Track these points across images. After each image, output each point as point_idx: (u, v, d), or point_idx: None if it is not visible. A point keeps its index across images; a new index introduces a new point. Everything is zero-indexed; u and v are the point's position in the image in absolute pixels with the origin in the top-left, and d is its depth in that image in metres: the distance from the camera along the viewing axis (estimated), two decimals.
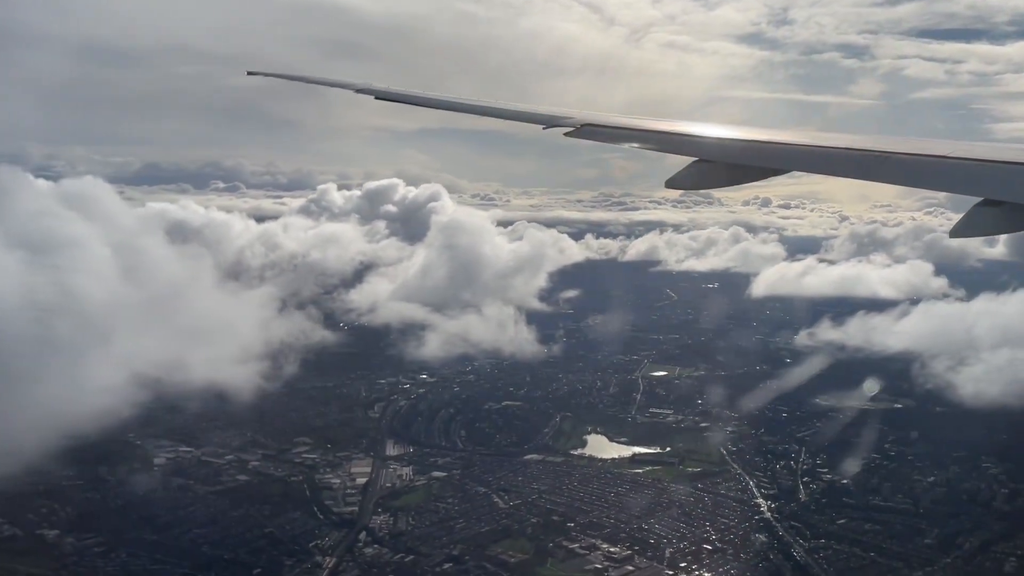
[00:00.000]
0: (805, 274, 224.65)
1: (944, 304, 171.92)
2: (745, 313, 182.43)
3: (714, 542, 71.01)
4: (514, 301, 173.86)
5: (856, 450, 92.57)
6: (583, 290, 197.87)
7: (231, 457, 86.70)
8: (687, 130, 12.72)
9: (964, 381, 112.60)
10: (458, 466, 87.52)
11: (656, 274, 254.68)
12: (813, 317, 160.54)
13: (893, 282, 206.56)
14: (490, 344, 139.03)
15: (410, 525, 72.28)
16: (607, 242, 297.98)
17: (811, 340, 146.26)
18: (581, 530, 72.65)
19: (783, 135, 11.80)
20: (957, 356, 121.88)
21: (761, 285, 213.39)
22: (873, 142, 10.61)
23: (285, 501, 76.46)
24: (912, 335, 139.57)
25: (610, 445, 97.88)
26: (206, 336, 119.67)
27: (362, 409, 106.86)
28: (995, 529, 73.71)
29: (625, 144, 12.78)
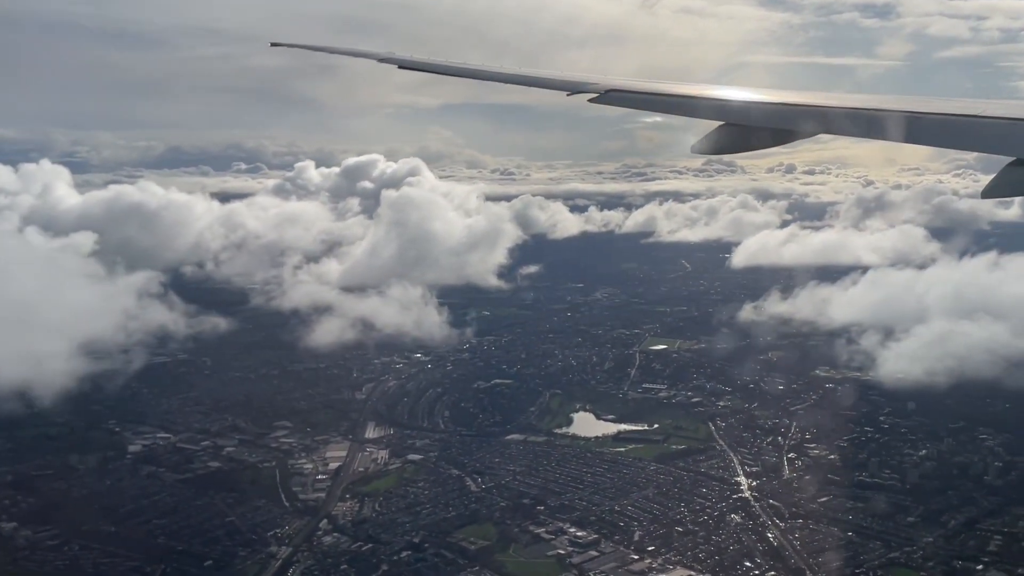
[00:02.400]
0: (787, 242, 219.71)
1: (896, 272, 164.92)
2: (715, 284, 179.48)
3: (687, 524, 68.79)
4: (465, 279, 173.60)
5: (849, 423, 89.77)
6: (545, 264, 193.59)
7: (207, 443, 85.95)
8: (713, 94, 12.64)
9: (890, 357, 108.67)
10: (435, 448, 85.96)
11: (645, 246, 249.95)
12: (782, 286, 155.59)
13: (879, 248, 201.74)
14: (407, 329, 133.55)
15: (375, 511, 70.90)
16: (611, 214, 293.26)
17: (756, 314, 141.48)
18: (551, 513, 70.83)
19: (811, 97, 11.52)
20: (888, 330, 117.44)
21: (741, 255, 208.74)
22: (903, 103, 10.40)
23: (253, 488, 75.48)
24: (859, 306, 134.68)
25: (597, 423, 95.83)
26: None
27: (350, 390, 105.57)
28: (984, 505, 70.82)
29: (650, 109, 12.55)
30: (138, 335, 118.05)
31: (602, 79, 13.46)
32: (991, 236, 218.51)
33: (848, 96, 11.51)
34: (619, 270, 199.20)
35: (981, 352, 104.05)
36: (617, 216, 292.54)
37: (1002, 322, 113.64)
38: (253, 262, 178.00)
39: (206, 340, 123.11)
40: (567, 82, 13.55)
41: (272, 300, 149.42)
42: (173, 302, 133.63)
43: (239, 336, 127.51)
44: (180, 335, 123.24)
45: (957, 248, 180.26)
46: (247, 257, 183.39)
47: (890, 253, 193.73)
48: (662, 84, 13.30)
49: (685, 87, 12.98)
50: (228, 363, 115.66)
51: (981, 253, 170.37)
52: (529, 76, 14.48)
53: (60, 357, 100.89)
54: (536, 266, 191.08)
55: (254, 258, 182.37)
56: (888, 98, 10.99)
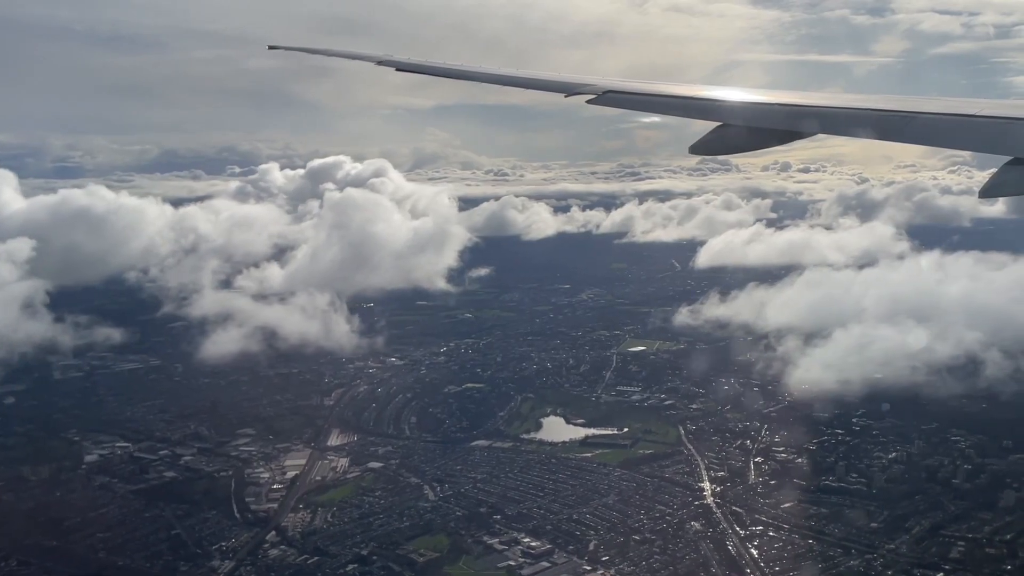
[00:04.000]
0: (752, 241, 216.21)
1: (833, 272, 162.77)
2: (675, 284, 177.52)
3: (644, 532, 67.19)
4: (413, 282, 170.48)
5: (821, 426, 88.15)
6: (495, 268, 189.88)
7: (165, 452, 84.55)
8: (710, 94, 12.72)
9: (804, 365, 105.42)
10: (397, 456, 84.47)
11: (619, 246, 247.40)
12: (721, 288, 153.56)
13: (846, 247, 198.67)
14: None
15: (327, 522, 69.42)
16: (593, 214, 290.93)
17: (692, 318, 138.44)
18: (506, 523, 69.33)
19: (807, 97, 11.64)
20: (811, 334, 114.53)
21: (705, 255, 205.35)
22: (899, 102, 10.50)
23: (205, 499, 74.02)
24: (792, 308, 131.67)
25: (566, 428, 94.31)
26: None
27: (319, 396, 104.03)
28: (950, 510, 69.25)
29: (647, 110, 12.57)
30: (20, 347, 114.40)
31: (599, 80, 13.48)
32: (973, 233, 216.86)
33: (845, 96, 11.67)
34: (589, 270, 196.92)
35: (900, 358, 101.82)
36: (598, 216, 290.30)
37: (928, 325, 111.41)
38: (199, 267, 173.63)
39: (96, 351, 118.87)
40: (564, 83, 13.57)
41: (182, 307, 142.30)
42: (63, 312, 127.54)
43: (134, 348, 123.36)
44: (66, 347, 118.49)
45: (931, 245, 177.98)
46: (194, 262, 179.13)
47: (856, 252, 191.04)
48: (659, 85, 13.40)
49: (682, 88, 13.09)
50: (199, 369, 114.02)
51: (954, 251, 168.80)
52: (527, 78, 14.48)
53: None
54: (487, 268, 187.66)
55: (201, 263, 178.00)
56: (884, 97, 11.11)
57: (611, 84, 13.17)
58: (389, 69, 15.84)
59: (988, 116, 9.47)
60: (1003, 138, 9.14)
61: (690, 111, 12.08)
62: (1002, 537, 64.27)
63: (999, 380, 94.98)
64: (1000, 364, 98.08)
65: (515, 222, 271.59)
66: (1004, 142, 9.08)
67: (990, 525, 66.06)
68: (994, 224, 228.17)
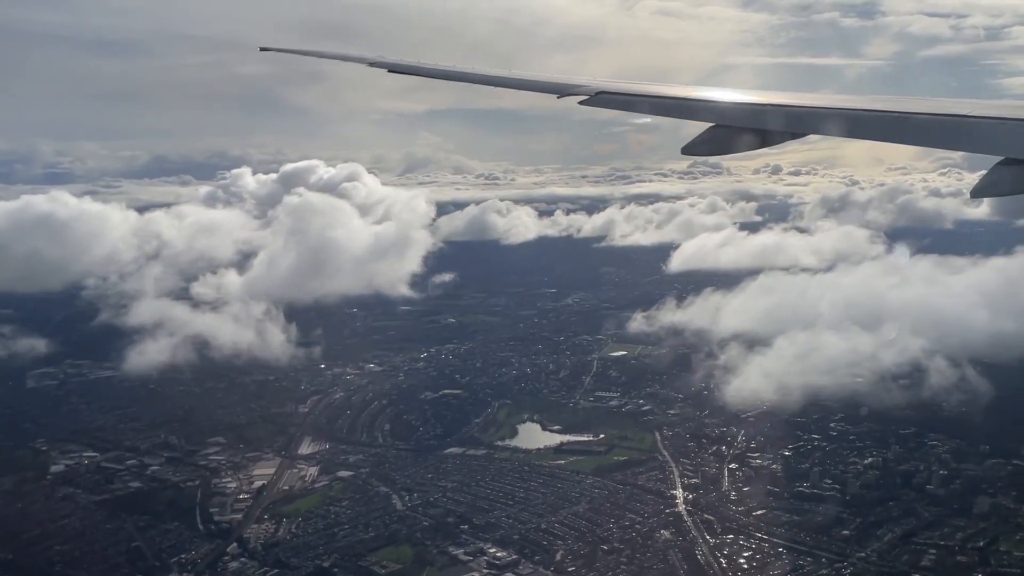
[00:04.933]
0: (724, 245, 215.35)
1: (789, 276, 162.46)
2: (660, 289, 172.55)
3: (613, 541, 66.11)
4: (376, 287, 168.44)
5: (797, 431, 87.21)
6: (459, 273, 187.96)
7: (133, 461, 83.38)
8: (703, 95, 12.71)
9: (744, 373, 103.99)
10: (368, 464, 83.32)
11: (595, 250, 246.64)
12: (677, 293, 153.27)
13: (819, 250, 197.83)
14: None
15: (291, 533, 68.24)
16: (577, 217, 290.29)
17: (647, 324, 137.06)
18: (474, 533, 68.22)
19: (799, 98, 11.58)
20: (755, 341, 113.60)
21: (678, 259, 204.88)
22: (891, 103, 10.56)
23: (169, 510, 72.85)
24: (744, 314, 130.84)
25: (542, 434, 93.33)
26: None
27: (294, 403, 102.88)
28: (923, 516, 68.31)
29: (640, 111, 12.45)
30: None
31: (592, 81, 13.46)
32: (952, 235, 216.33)
33: (837, 97, 11.61)
34: (577, 274, 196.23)
35: (842, 366, 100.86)
36: (581, 220, 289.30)
37: (875, 331, 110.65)
38: (155, 274, 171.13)
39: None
40: (557, 85, 13.50)
41: (118, 316, 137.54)
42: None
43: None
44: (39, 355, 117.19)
45: (910, 248, 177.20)
46: (153, 269, 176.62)
47: (830, 255, 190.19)
48: (652, 86, 13.36)
49: (675, 88, 13.07)
50: (174, 377, 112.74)
51: (927, 253, 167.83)
52: (519, 79, 14.35)
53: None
54: (451, 274, 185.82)
55: (163, 269, 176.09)
56: (876, 98, 11.16)
57: (603, 85, 13.18)
58: (381, 73, 15.82)
59: (979, 117, 9.51)
60: (994, 139, 9.17)
61: (682, 112, 12.07)
62: (974, 544, 63.33)
63: (943, 389, 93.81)
64: (944, 372, 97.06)
65: (496, 226, 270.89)
66: (995, 143, 9.11)
67: (963, 532, 65.13)
68: (977, 226, 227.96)
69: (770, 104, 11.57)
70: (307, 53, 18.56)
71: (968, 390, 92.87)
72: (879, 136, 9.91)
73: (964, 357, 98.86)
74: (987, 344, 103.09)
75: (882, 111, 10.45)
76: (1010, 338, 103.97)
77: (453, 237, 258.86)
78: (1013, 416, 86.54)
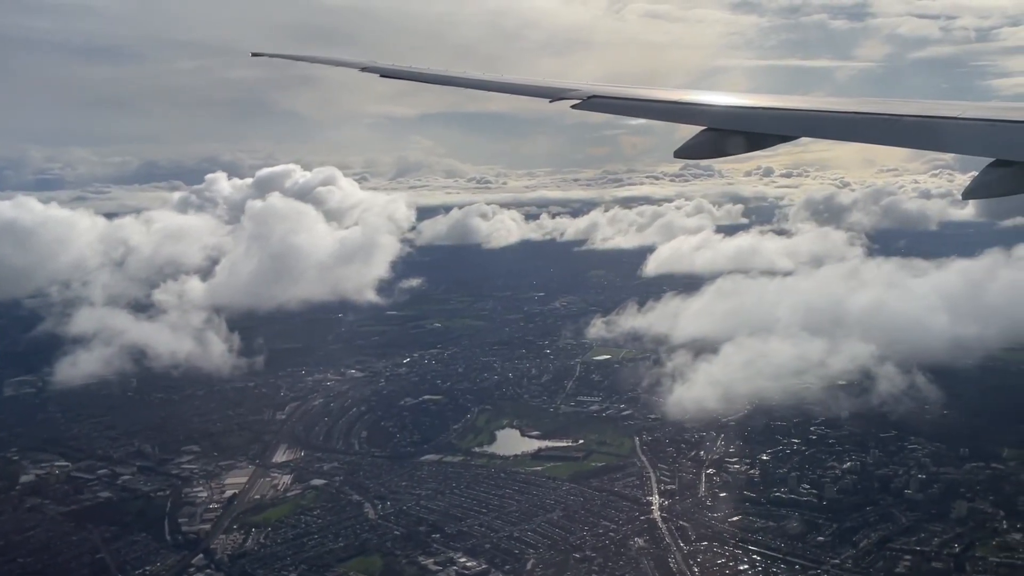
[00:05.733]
0: (700, 248, 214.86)
1: (748, 280, 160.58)
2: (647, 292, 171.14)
3: (585, 550, 65.15)
4: (341, 293, 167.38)
5: (777, 435, 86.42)
6: (441, 278, 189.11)
7: (105, 471, 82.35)
8: (695, 99, 12.64)
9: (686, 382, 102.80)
10: (342, 472, 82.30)
11: (577, 254, 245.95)
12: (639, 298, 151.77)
13: (795, 253, 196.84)
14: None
15: (259, 544, 67.21)
16: (563, 221, 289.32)
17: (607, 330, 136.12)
18: (445, 541, 67.24)
19: (791, 101, 11.58)
20: (702, 347, 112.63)
21: (653, 263, 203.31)
22: (882, 105, 10.55)
23: (137, 520, 71.86)
24: (701, 319, 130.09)
25: (521, 440, 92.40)
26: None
27: (272, 410, 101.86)
28: (901, 522, 67.49)
29: (632, 115, 12.62)
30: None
31: (584, 85, 13.46)
32: (938, 236, 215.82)
33: (829, 99, 11.59)
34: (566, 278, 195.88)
35: (788, 375, 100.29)
36: (566, 223, 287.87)
37: (822, 338, 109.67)
38: (123, 281, 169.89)
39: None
40: (549, 88, 13.56)
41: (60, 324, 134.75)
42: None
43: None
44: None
45: (892, 250, 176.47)
46: (119, 276, 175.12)
47: (805, 257, 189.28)
48: (644, 90, 13.38)
49: (667, 92, 13.13)
50: (153, 384, 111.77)
51: (904, 256, 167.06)
52: (511, 83, 14.46)
53: None
54: (418, 279, 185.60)
55: (125, 276, 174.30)
56: (868, 100, 11.12)
57: (596, 89, 13.18)
58: (373, 77, 15.94)
59: (970, 118, 9.49)
60: (985, 140, 9.21)
61: (674, 115, 12.14)
62: (950, 550, 62.50)
63: (891, 396, 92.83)
64: (893, 379, 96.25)
65: (479, 230, 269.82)
66: (986, 144, 9.13)
67: (940, 537, 64.31)
68: (961, 228, 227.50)
69: (761, 107, 11.59)
70: (299, 58, 18.67)
71: (917, 397, 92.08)
72: (870, 138, 9.94)
73: (915, 362, 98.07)
74: (946, 348, 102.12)
75: (873, 113, 10.44)
76: (970, 341, 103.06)
77: (436, 241, 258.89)
78: (992, 418, 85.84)
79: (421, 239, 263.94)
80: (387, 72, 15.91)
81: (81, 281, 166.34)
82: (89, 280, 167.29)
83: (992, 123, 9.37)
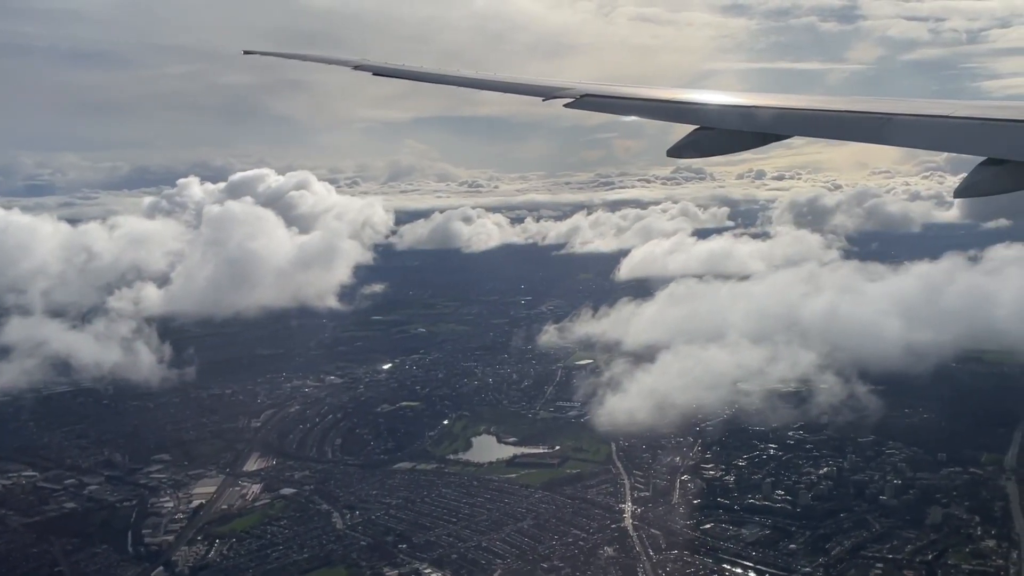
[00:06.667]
0: (673, 252, 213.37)
1: (700, 284, 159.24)
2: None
3: (553, 559, 64.06)
4: (302, 299, 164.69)
5: (754, 440, 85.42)
6: (389, 284, 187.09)
7: (72, 481, 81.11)
8: (689, 98, 12.62)
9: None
10: (313, 480, 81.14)
11: (552, 258, 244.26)
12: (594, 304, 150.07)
13: (769, 256, 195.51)
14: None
15: (222, 555, 66.01)
16: (548, 224, 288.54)
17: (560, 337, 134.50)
18: (411, 552, 66.13)
19: (784, 100, 11.49)
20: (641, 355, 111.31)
21: (627, 266, 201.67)
22: (876, 104, 10.50)
23: (101, 531, 70.68)
24: (651, 324, 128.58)
25: (497, 447, 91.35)
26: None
27: (248, 418, 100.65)
28: (874, 529, 66.45)
29: (625, 114, 12.43)
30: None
31: (577, 84, 13.41)
32: (920, 239, 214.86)
33: (822, 98, 11.44)
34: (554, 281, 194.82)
35: (727, 382, 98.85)
36: (551, 227, 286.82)
37: (767, 345, 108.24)
38: (82, 288, 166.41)
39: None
40: (542, 87, 13.52)
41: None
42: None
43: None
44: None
45: (867, 253, 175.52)
46: (78, 282, 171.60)
47: (779, 260, 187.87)
48: (637, 89, 13.30)
49: (660, 91, 13.01)
50: (130, 391, 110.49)
51: (871, 260, 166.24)
52: (504, 82, 14.36)
53: None
54: (382, 284, 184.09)
55: (85, 283, 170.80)
56: (861, 99, 11.01)
57: (589, 88, 13.13)
58: (366, 82, 16.30)
59: (963, 117, 9.46)
60: (977, 139, 9.16)
61: (667, 114, 12.05)
62: (923, 557, 61.46)
63: (831, 407, 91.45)
64: (832, 389, 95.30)
65: (460, 234, 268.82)
66: (978, 143, 9.09)
67: (913, 544, 63.31)
68: (944, 229, 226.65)
69: (755, 106, 11.47)
70: (291, 56, 18.53)
71: (856, 407, 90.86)
72: (863, 138, 9.85)
73: (857, 370, 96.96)
74: (898, 355, 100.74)
75: (866, 112, 10.34)
76: (924, 347, 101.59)
77: (417, 245, 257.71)
78: (971, 422, 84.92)
79: (402, 243, 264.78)
80: (380, 70, 15.85)
81: (38, 289, 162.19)
82: (49, 288, 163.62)
83: (984, 122, 9.32)
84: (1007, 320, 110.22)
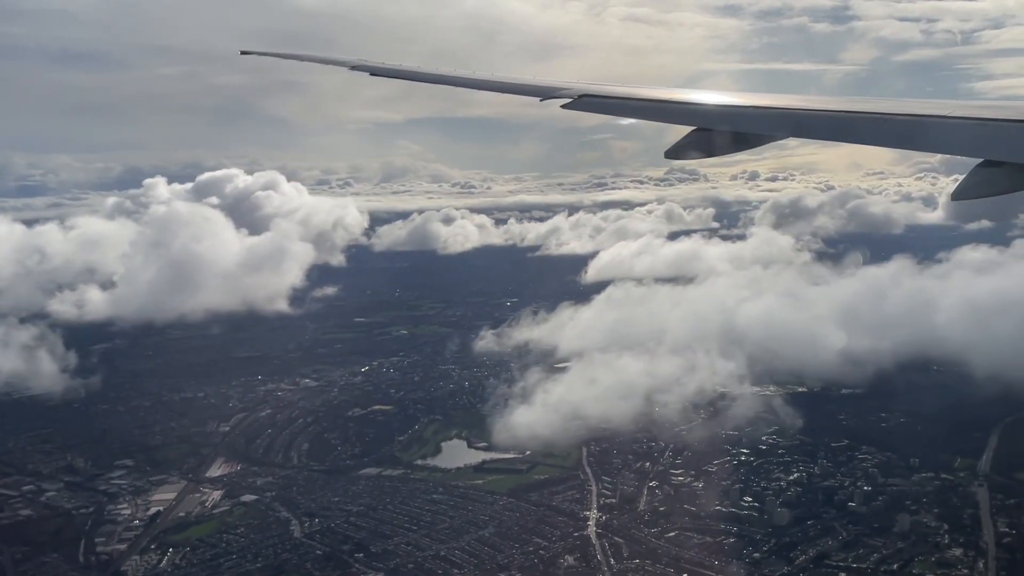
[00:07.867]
0: (640, 254, 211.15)
1: (638, 288, 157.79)
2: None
3: (512, 569, 62.67)
4: (251, 303, 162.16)
5: (726, 445, 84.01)
6: (343, 286, 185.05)
7: (30, 487, 79.65)
8: (686, 98, 12.62)
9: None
10: (276, 487, 79.63)
11: (527, 260, 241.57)
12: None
13: (737, 258, 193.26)
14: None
15: (173, 565, 64.55)
16: (531, 225, 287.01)
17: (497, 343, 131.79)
18: (368, 561, 64.69)
19: (781, 100, 11.41)
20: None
21: (594, 268, 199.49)
22: (872, 104, 10.52)
23: (53, 540, 69.18)
24: (595, 329, 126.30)
25: (466, 452, 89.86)
26: None
27: (217, 422, 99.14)
28: (841, 537, 64.99)
29: (622, 114, 12.39)
30: None
31: (575, 84, 13.31)
32: (900, 240, 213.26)
33: (818, 99, 11.41)
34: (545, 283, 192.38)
35: (638, 395, 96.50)
36: (536, 228, 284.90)
37: (687, 354, 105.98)
38: (32, 290, 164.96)
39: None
40: (539, 87, 13.46)
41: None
42: None
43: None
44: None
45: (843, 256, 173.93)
46: (27, 284, 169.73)
47: (747, 262, 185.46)
48: (634, 89, 13.22)
49: (657, 91, 12.95)
50: (102, 395, 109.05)
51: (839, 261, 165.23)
52: (501, 82, 14.33)
53: None
54: (334, 287, 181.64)
55: (35, 285, 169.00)
56: (857, 100, 10.97)
57: (586, 88, 13.02)
58: (360, 83, 16.35)
59: (959, 118, 9.33)
60: (974, 140, 9.03)
61: (665, 115, 12.00)
62: (888, 567, 60.05)
63: (747, 420, 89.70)
64: (749, 402, 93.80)
65: (438, 235, 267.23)
66: (975, 144, 8.98)
67: (879, 553, 61.99)
68: (928, 231, 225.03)
69: (752, 106, 11.39)
70: (288, 56, 18.41)
71: (772, 419, 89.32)
72: (860, 138, 9.80)
73: (779, 379, 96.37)
74: (835, 363, 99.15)
75: (863, 112, 10.29)
76: (861, 355, 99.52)
77: (395, 247, 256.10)
78: (948, 427, 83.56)
79: (380, 244, 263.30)
80: (377, 71, 15.78)
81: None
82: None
83: (981, 123, 9.16)
84: (946, 327, 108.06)
